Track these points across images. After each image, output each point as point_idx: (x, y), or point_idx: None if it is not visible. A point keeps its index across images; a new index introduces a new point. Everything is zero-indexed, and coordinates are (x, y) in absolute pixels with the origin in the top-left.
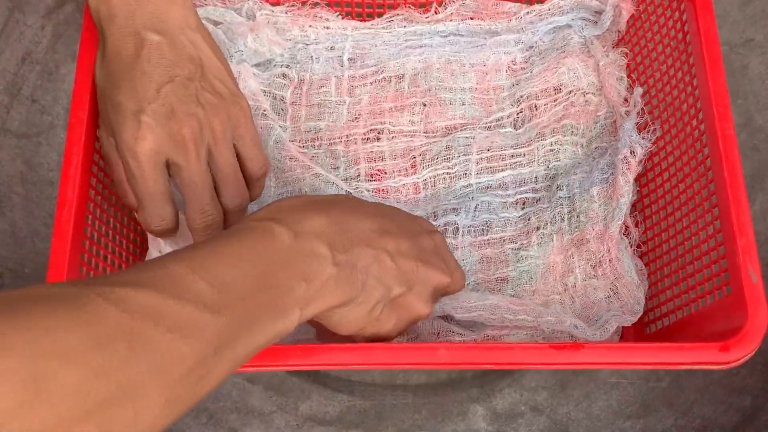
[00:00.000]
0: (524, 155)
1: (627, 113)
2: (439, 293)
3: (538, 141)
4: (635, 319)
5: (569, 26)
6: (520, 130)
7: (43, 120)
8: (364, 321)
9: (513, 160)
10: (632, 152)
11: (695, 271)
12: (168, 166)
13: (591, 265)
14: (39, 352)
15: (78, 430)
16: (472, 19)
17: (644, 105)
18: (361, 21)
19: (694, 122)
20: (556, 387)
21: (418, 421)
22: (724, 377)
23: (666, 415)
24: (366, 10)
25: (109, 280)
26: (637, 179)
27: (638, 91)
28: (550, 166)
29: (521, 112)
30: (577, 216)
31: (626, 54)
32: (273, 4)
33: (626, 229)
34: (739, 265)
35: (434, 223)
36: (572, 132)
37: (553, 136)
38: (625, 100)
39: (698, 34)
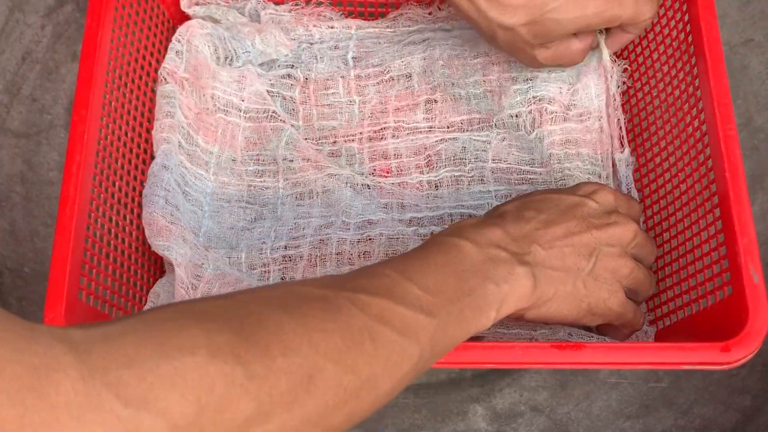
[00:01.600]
0: (540, 174)
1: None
2: (633, 241)
3: (556, 164)
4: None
5: None
6: (531, 135)
7: (43, 119)
8: (574, 304)
9: (530, 177)
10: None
11: (696, 272)
12: None
13: None
14: (315, 352)
15: (333, 417)
16: None
17: (643, 117)
18: (365, 20)
19: (696, 123)
20: (556, 387)
21: (418, 421)
22: (724, 377)
23: (666, 415)
24: (368, 9)
25: (346, 285)
26: (639, 179)
27: (627, 152)
28: (566, 185)
29: (530, 112)
30: None
31: (626, 70)
32: (276, 3)
33: None
34: (740, 266)
35: None
36: (593, 162)
37: (572, 162)
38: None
39: (700, 34)
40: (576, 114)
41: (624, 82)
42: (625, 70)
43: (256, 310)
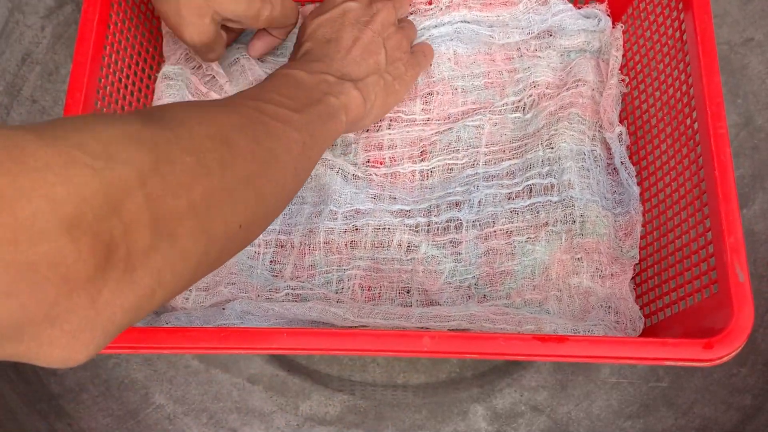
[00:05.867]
0: (528, 143)
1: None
2: (396, 15)
3: (545, 129)
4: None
5: (583, 50)
6: (528, 115)
7: (43, 121)
8: (391, 92)
9: (519, 150)
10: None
11: (684, 269)
12: None
13: (599, 276)
14: (222, 125)
15: (259, 182)
16: (480, 11)
17: (639, 106)
18: None
19: (688, 121)
20: (557, 387)
21: (418, 421)
22: (725, 377)
23: (666, 415)
24: None
25: (226, 100)
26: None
27: (622, 128)
28: (554, 147)
29: (531, 96)
30: (592, 225)
31: (623, 80)
32: None
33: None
34: (726, 264)
35: (436, 219)
36: (580, 122)
37: (560, 122)
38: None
39: (695, 33)
40: (572, 81)
41: (622, 81)
42: (622, 68)
43: (166, 107)
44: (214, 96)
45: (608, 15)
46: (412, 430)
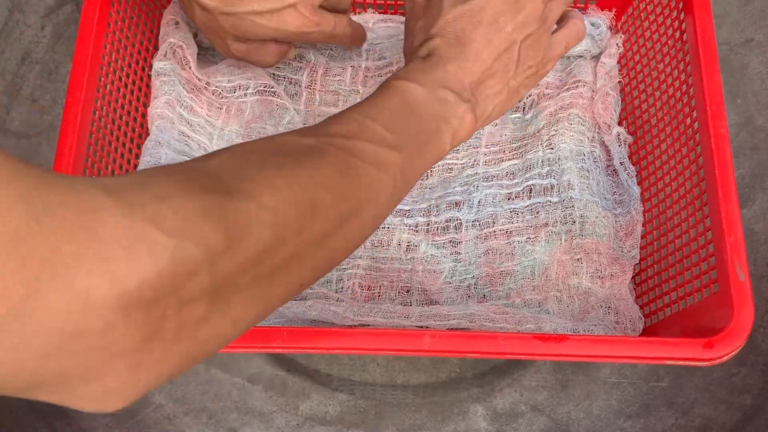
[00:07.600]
0: (529, 142)
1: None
2: (545, 7)
3: (545, 129)
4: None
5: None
6: (528, 115)
7: (43, 120)
8: (512, 97)
9: (519, 151)
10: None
11: (684, 269)
12: None
13: (599, 276)
14: (313, 184)
15: (333, 240)
16: None
17: (639, 106)
18: (383, 13)
19: (688, 120)
20: (557, 387)
21: (418, 421)
22: (725, 377)
23: (666, 415)
24: (388, 1)
25: (323, 131)
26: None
27: (621, 130)
28: (554, 148)
29: (530, 96)
30: (591, 226)
31: (618, 85)
32: None
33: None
34: (726, 263)
35: (436, 219)
36: (580, 122)
37: (560, 123)
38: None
39: (695, 33)
40: (572, 82)
41: (620, 77)
42: (620, 62)
43: (255, 158)
44: (211, 89)
45: (612, 23)
46: (412, 430)
